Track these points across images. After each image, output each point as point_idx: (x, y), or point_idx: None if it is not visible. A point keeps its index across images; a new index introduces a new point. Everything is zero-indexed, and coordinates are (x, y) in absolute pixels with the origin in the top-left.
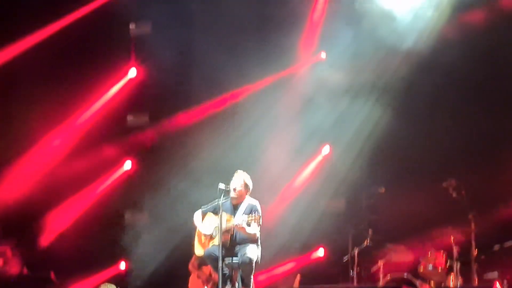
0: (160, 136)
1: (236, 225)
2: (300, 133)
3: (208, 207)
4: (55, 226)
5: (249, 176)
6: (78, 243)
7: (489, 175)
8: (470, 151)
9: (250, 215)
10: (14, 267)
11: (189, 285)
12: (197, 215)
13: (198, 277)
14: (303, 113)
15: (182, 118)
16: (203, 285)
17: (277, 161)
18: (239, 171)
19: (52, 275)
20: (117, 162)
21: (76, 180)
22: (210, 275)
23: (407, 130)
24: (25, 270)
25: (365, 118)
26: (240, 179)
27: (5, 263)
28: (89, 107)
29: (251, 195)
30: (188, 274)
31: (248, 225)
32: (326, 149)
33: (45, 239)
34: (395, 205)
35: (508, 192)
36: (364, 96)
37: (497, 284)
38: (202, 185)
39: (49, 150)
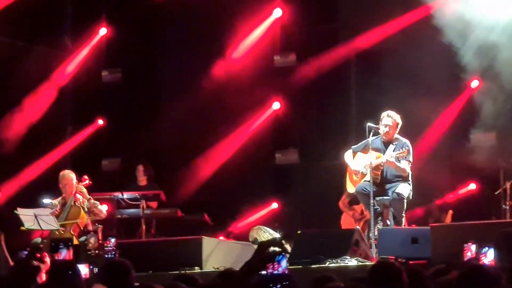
0: (307, 75)
1: (386, 160)
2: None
3: (358, 146)
4: (207, 168)
5: (398, 115)
6: (229, 185)
7: None
8: None
9: (399, 150)
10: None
11: (341, 223)
12: (348, 153)
13: (350, 215)
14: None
15: (328, 57)
16: (355, 223)
17: (423, 99)
18: (388, 110)
19: (206, 217)
20: (266, 102)
21: (226, 122)
22: (362, 213)
23: None
24: (179, 213)
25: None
26: (390, 117)
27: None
28: (236, 48)
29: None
30: (339, 212)
31: (398, 160)
32: (474, 83)
33: (197, 182)
34: None
35: None
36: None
37: None
38: (351, 121)
39: (197, 93)
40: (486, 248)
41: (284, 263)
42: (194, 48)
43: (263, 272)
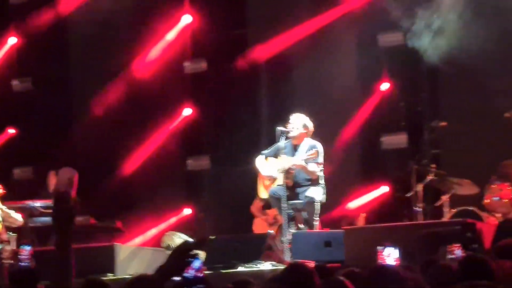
0: (218, 81)
1: (295, 163)
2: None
3: (269, 151)
4: (119, 175)
5: (308, 118)
6: (141, 192)
7: None
8: None
9: (308, 152)
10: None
11: (254, 228)
12: (259, 159)
13: (263, 220)
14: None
15: (240, 63)
16: (268, 228)
17: (335, 102)
18: (295, 113)
19: (119, 224)
20: (177, 109)
21: (138, 128)
22: (275, 217)
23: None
24: (92, 220)
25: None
26: (297, 119)
27: None
28: (146, 56)
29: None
30: (252, 217)
31: (306, 163)
32: (384, 86)
33: (109, 189)
34: (458, 139)
35: None
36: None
37: None
38: (263, 126)
39: (108, 100)
40: (391, 248)
41: (197, 264)
42: (104, 55)
43: (177, 278)
